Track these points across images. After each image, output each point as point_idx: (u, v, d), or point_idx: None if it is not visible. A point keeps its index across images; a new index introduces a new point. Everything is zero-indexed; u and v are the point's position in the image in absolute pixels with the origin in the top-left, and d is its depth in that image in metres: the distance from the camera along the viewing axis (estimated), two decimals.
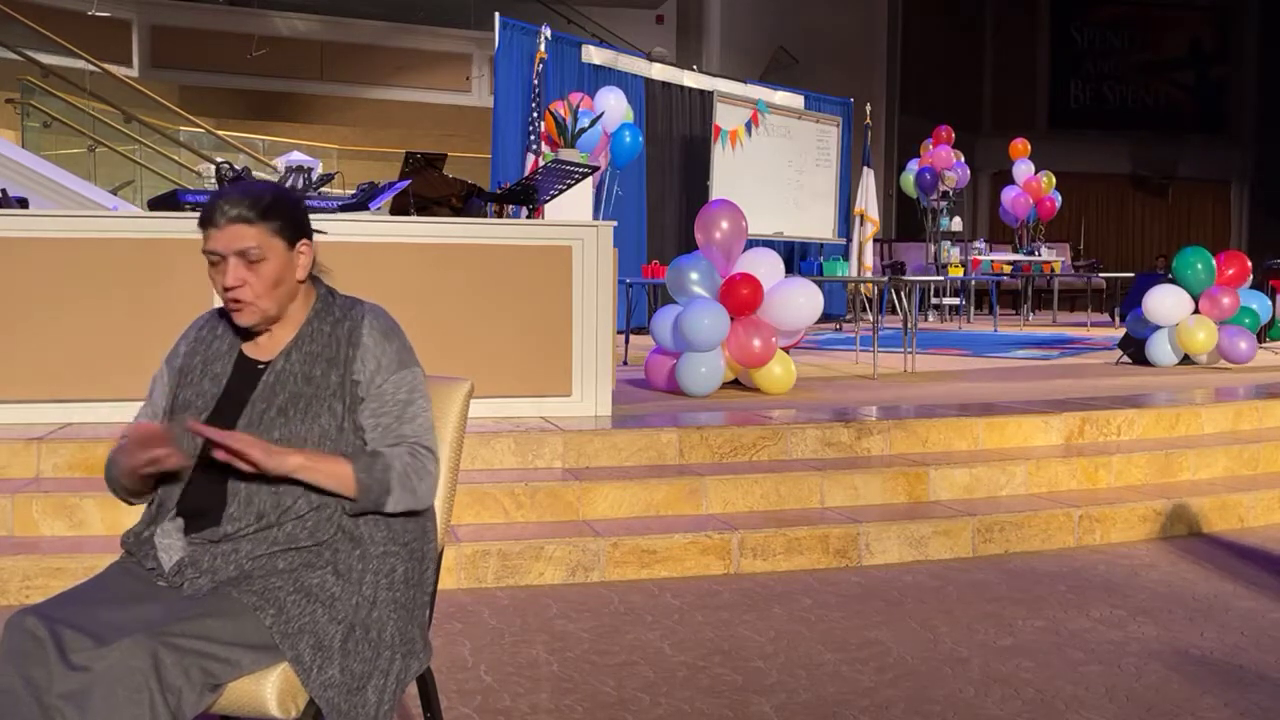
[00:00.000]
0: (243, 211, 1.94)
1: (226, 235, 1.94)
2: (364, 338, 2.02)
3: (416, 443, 2.00)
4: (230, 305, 1.98)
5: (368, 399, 2.00)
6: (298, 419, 1.96)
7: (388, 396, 2.01)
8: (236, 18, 15.41)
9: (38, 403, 4.68)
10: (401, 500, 1.96)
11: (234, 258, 1.94)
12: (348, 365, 2.00)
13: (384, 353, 2.02)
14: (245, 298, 1.96)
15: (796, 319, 6.20)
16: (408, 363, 2.05)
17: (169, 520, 1.98)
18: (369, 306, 2.09)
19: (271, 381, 1.99)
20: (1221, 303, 7.78)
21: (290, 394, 1.98)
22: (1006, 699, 2.99)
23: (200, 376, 2.04)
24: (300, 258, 2.02)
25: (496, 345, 5.04)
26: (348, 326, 2.03)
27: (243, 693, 1.82)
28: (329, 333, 2.03)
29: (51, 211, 5.70)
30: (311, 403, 1.97)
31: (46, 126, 11.30)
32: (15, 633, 1.73)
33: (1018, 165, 15.20)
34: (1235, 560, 4.47)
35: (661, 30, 17.81)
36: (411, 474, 1.96)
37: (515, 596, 3.91)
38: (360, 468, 1.92)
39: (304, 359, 2.01)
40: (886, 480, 4.77)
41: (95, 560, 3.66)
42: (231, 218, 1.94)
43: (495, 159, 9.75)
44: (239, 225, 1.94)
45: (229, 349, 2.06)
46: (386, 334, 2.04)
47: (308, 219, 2.06)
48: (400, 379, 2.02)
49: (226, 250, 1.94)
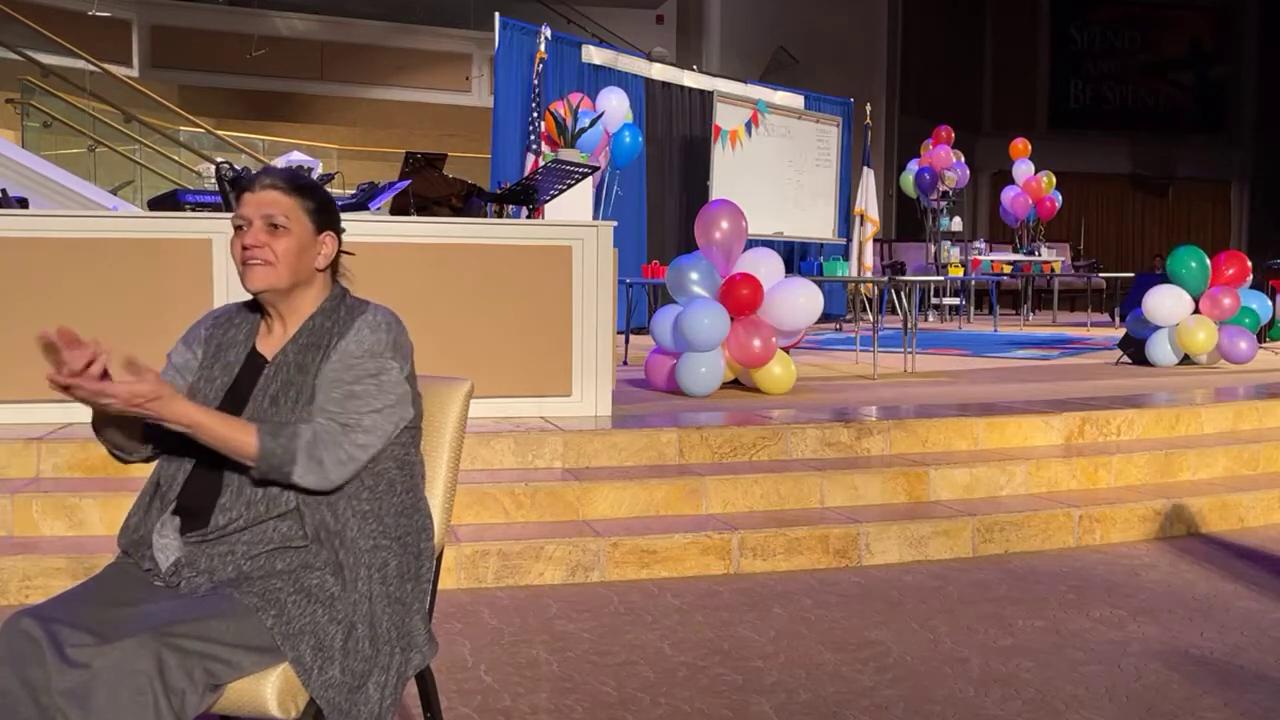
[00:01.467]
0: (278, 181, 2.02)
1: (259, 199, 2.00)
2: (352, 328, 2.02)
3: (333, 417, 1.94)
4: (246, 262, 1.99)
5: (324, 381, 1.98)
6: (288, 408, 1.97)
7: (335, 376, 1.98)
8: (236, 18, 15.41)
9: (38, 403, 4.68)
10: (309, 472, 1.89)
11: (259, 221, 1.99)
12: (328, 351, 2.00)
13: (363, 340, 2.00)
14: (264, 257, 1.98)
15: (796, 319, 6.20)
16: (380, 354, 2.00)
17: (166, 517, 1.98)
18: (374, 306, 2.08)
19: (271, 374, 2.01)
20: (1222, 303, 7.78)
21: (283, 382, 1.99)
22: (1006, 699, 2.99)
23: (213, 363, 2.07)
24: (323, 246, 2.05)
25: (496, 345, 5.04)
26: (345, 319, 2.04)
27: (243, 693, 1.82)
28: (327, 327, 2.04)
29: (51, 211, 5.70)
30: (301, 391, 1.98)
31: (46, 126, 11.31)
32: (11, 635, 1.73)
33: (1018, 165, 15.20)
34: (1235, 560, 4.47)
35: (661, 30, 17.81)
36: (320, 444, 1.90)
37: (515, 596, 3.91)
38: (265, 431, 1.88)
39: (299, 350, 2.02)
40: (886, 480, 4.77)
41: (95, 560, 3.66)
42: (266, 185, 2.01)
43: (495, 159, 9.76)
44: (273, 192, 2.01)
45: (245, 339, 2.08)
46: (376, 326, 2.02)
47: (338, 219, 2.11)
48: (360, 364, 1.98)
49: (255, 213, 1.99)
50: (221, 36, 15.08)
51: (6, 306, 4.63)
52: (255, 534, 1.92)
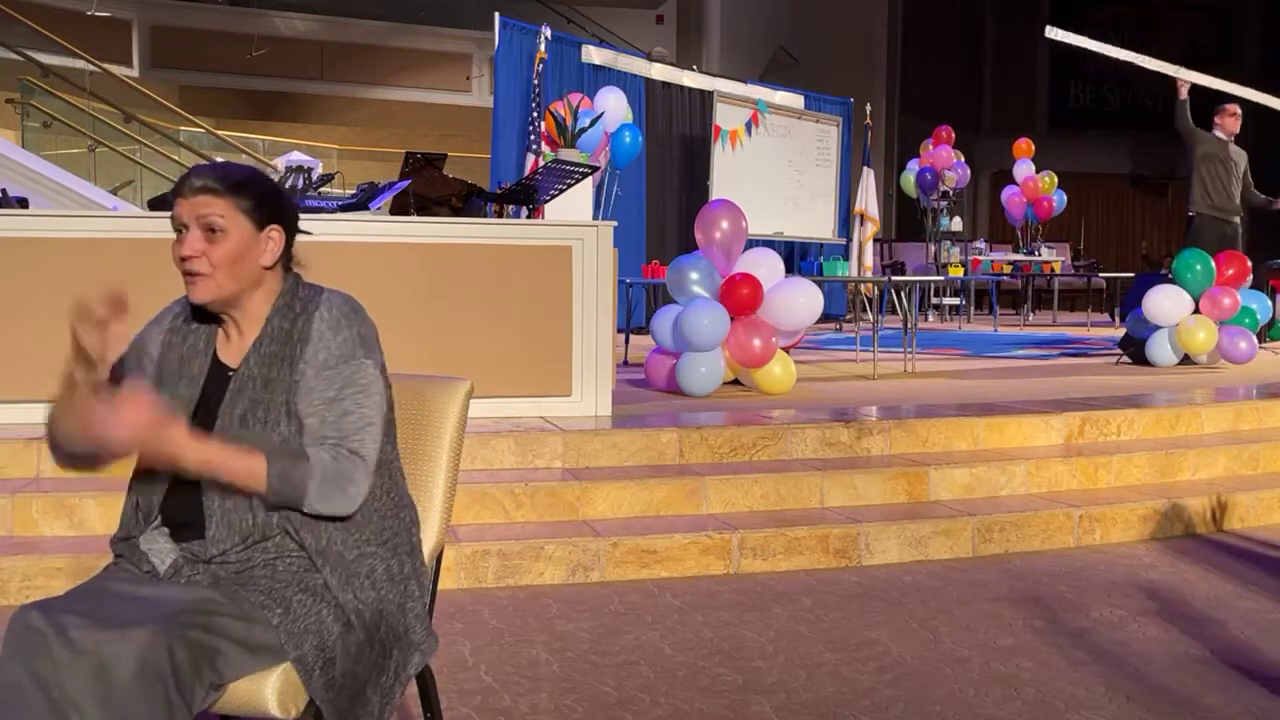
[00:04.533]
0: (209, 182, 1.90)
1: (191, 203, 1.90)
2: (312, 331, 1.92)
3: (339, 444, 1.88)
4: (185, 279, 1.92)
5: (303, 395, 1.91)
6: (258, 427, 1.89)
7: (316, 393, 1.91)
8: (236, 18, 15.40)
9: (38, 403, 4.66)
10: (319, 507, 1.86)
11: (195, 227, 1.90)
12: (295, 363, 1.92)
13: (329, 345, 1.92)
14: (201, 269, 1.89)
15: (796, 319, 6.20)
16: (352, 356, 1.93)
17: (154, 529, 1.96)
18: (326, 295, 1.98)
19: (236, 389, 1.93)
20: (1222, 303, 7.78)
21: (250, 400, 1.91)
22: (1006, 699, 2.99)
23: (177, 378, 1.98)
24: (269, 243, 1.94)
25: (496, 345, 5.04)
26: (302, 321, 1.95)
27: (243, 692, 1.81)
28: (287, 330, 1.94)
29: (51, 211, 5.70)
30: (270, 408, 1.90)
31: (46, 126, 11.30)
32: (18, 628, 1.71)
33: (1018, 165, 15.19)
34: (1235, 560, 4.47)
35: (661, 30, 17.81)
36: (331, 481, 1.85)
37: (515, 596, 3.91)
38: (274, 472, 1.82)
39: (262, 361, 1.93)
40: (886, 480, 4.77)
41: (95, 560, 3.66)
42: (197, 188, 1.90)
43: (495, 159, 9.75)
44: (205, 195, 1.89)
45: (205, 347, 2.00)
46: (336, 325, 1.93)
47: (284, 207, 1.99)
48: (336, 373, 1.91)
49: (189, 218, 1.89)
50: (221, 36, 15.07)
51: (6, 306, 4.63)
52: (251, 551, 1.90)
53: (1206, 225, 8.75)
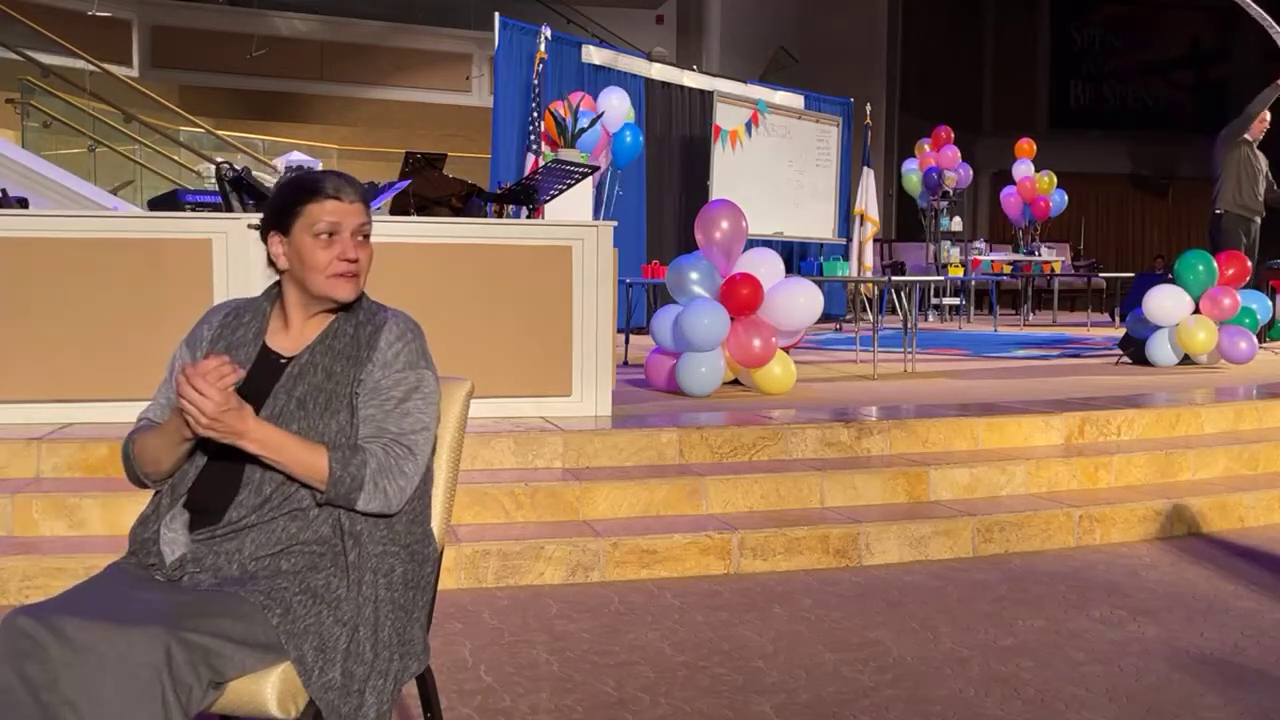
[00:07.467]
0: (360, 195, 2.09)
1: (354, 210, 2.06)
2: (381, 340, 2.06)
3: (396, 439, 2.00)
4: (344, 275, 2.04)
5: (368, 394, 2.02)
6: (316, 413, 1.99)
7: (384, 393, 2.03)
8: (236, 18, 15.41)
9: (38, 403, 4.68)
10: (373, 499, 1.95)
11: (351, 233, 2.05)
12: (362, 366, 2.04)
13: (399, 352, 2.06)
14: (356, 270, 2.06)
15: (796, 319, 6.20)
16: (416, 364, 2.07)
17: (176, 511, 1.98)
18: (393, 312, 2.14)
19: (295, 374, 2.03)
20: (1222, 303, 7.78)
21: (310, 386, 2.01)
22: (1006, 699, 2.99)
23: None
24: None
25: (496, 345, 5.04)
26: (369, 330, 2.07)
27: (243, 692, 1.82)
28: (352, 333, 2.07)
29: (51, 211, 5.70)
30: (331, 399, 2.00)
31: (46, 126, 11.31)
32: (9, 632, 1.71)
33: (1018, 165, 15.19)
34: (1235, 560, 4.47)
35: (661, 30, 17.81)
36: (385, 473, 1.96)
37: (515, 596, 3.91)
38: (336, 459, 1.93)
39: (327, 354, 2.05)
40: (886, 480, 4.77)
41: (95, 560, 3.65)
42: (355, 198, 2.07)
43: (495, 159, 9.76)
44: (360, 204, 2.08)
45: (254, 338, 2.09)
46: (403, 335, 2.08)
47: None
48: (402, 376, 2.04)
49: (351, 225, 2.05)
50: (221, 36, 15.07)
51: (6, 306, 4.63)
52: (263, 533, 1.93)
53: (1234, 223, 8.81)
